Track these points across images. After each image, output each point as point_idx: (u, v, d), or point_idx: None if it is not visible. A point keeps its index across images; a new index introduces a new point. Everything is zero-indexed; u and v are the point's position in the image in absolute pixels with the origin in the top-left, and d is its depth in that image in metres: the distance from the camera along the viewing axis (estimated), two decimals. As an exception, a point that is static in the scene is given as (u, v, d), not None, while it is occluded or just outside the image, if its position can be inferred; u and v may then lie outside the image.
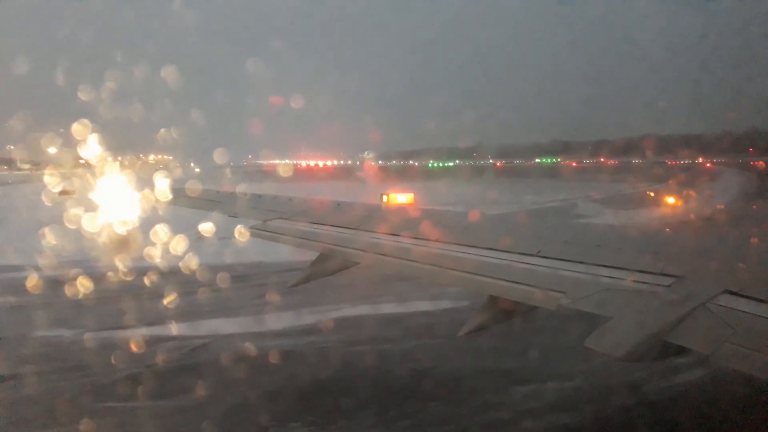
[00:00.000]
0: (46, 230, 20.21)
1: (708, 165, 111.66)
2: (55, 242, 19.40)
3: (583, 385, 9.05)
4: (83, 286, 14.52)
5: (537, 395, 8.82)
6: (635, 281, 3.94)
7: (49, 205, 24.37)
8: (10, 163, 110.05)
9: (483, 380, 9.40)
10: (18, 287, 15.15)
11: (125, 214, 14.62)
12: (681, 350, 3.28)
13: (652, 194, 43.94)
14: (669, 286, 3.74)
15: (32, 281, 14.94)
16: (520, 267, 4.75)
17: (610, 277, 4.12)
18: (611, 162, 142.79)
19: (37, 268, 16.38)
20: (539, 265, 4.65)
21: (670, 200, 39.32)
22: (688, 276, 3.81)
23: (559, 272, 4.44)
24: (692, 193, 42.69)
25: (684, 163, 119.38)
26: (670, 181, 52.23)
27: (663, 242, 4.92)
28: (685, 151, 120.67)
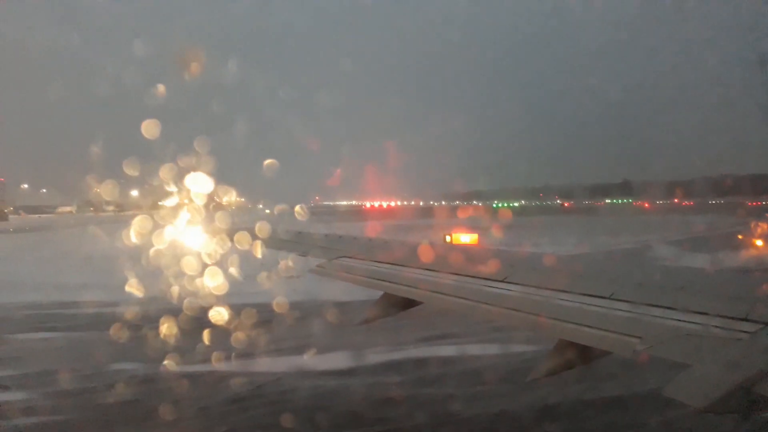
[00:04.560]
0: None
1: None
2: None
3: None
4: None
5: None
6: (717, 327, 3.70)
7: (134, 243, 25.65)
8: (96, 205, 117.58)
9: (553, 428, 9.00)
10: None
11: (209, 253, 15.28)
12: (772, 403, 3.03)
13: (740, 237, 41.31)
14: (756, 332, 3.49)
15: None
16: (592, 310, 4.57)
17: (689, 321, 3.89)
18: (686, 203, 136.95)
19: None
20: (613, 309, 4.47)
21: (759, 243, 36.96)
22: (778, 322, 3.55)
23: (635, 316, 4.24)
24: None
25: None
26: (759, 222, 49.11)
27: (747, 286, 4.62)
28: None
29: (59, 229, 66.85)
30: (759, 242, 37.05)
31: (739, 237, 41.13)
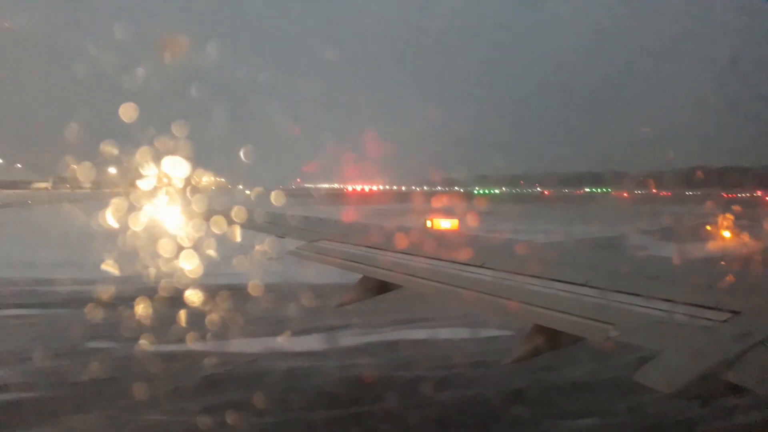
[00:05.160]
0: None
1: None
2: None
3: (629, 421, 8.71)
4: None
5: (580, 430, 8.53)
6: (688, 315, 3.78)
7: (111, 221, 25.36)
8: (72, 181, 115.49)
9: (525, 411, 9.16)
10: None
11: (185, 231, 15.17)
12: (738, 389, 3.11)
13: (709, 228, 42.31)
14: (725, 321, 3.58)
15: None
16: (567, 296, 4.63)
17: (661, 309, 3.97)
18: (664, 193, 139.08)
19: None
20: (587, 295, 4.53)
21: (726, 234, 37.83)
22: (746, 311, 3.64)
23: (609, 303, 4.31)
24: (751, 226, 40.92)
25: (741, 195, 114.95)
26: (726, 214, 50.28)
27: (718, 276, 4.72)
28: (742, 183, 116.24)
29: (34, 205, 65.58)
30: (726, 233, 37.87)
31: (708, 228, 42.06)
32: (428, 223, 38.58)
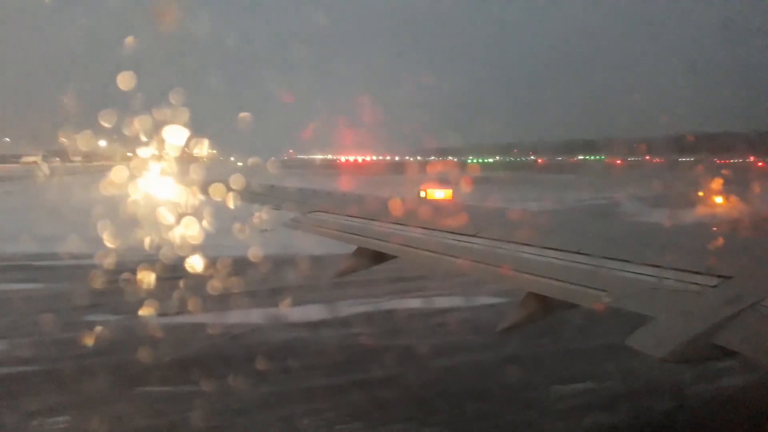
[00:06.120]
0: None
1: (760, 164, 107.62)
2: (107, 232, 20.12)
3: (622, 385, 8.89)
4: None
5: (573, 394, 8.70)
6: (680, 281, 3.83)
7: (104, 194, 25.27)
8: (62, 155, 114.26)
9: (520, 378, 9.32)
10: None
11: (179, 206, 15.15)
12: (728, 353, 3.17)
13: (701, 194, 42.56)
14: (716, 286, 3.63)
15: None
16: (560, 264, 4.68)
17: (653, 276, 4.02)
18: (657, 160, 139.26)
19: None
20: (580, 263, 4.58)
21: (719, 200, 38.06)
22: (737, 276, 3.69)
23: (601, 270, 4.35)
24: (742, 192, 41.20)
25: (734, 161, 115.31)
26: (718, 180, 50.51)
27: (710, 242, 4.77)
28: (735, 149, 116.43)
29: (28, 179, 64.98)
30: (718, 199, 38.12)
31: (700, 194, 42.32)
32: (422, 194, 38.59)
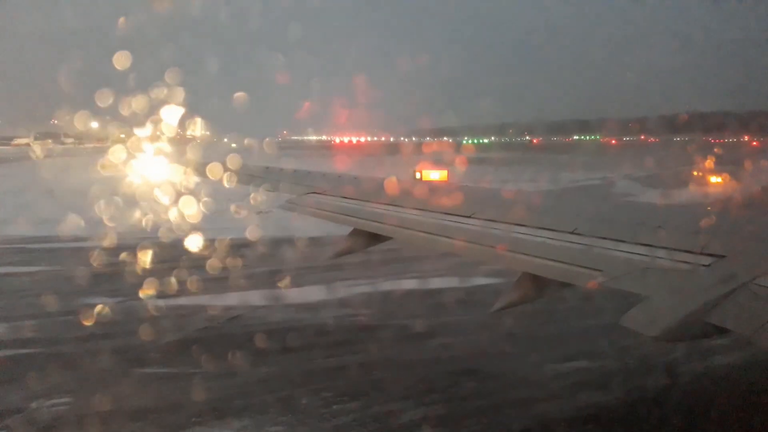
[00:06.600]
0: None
1: (755, 143, 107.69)
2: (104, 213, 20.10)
3: (616, 364, 8.99)
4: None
5: (567, 374, 8.79)
6: (674, 260, 3.86)
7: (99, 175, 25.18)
8: (54, 137, 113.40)
9: (515, 357, 9.42)
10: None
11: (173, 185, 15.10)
12: (720, 331, 3.21)
13: (696, 173, 42.60)
14: (709, 265, 3.66)
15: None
16: (555, 244, 4.71)
17: (648, 255, 4.05)
18: (652, 140, 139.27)
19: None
20: (575, 243, 4.61)
21: (714, 179, 38.13)
22: (730, 256, 3.73)
23: (596, 250, 4.39)
24: (738, 171, 41.28)
25: (729, 141, 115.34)
26: (713, 159, 50.58)
27: (704, 221, 4.80)
28: (729, 128, 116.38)
29: (23, 161, 64.42)
30: (714, 179, 38.19)
31: (696, 174, 42.39)
32: (417, 175, 38.50)
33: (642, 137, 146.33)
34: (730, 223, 4.98)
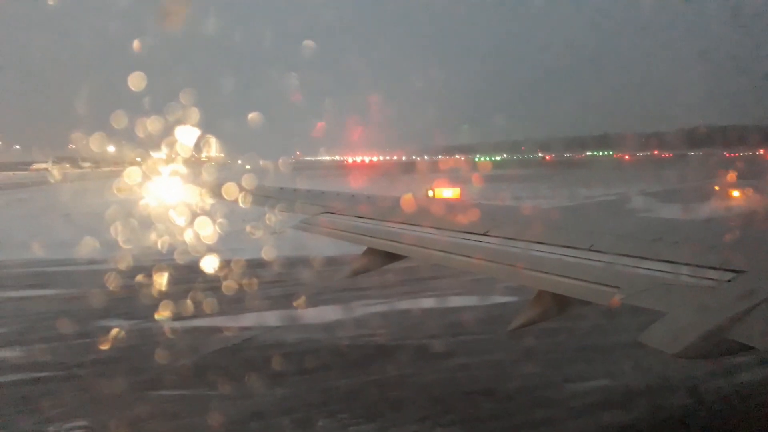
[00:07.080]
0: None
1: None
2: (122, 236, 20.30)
3: (636, 383, 8.83)
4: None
5: (588, 393, 8.65)
6: (694, 276, 3.80)
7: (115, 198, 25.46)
8: (72, 161, 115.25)
9: (533, 376, 9.29)
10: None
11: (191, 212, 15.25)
12: (743, 348, 3.14)
13: (717, 187, 41.98)
14: (730, 281, 3.59)
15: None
16: (572, 261, 4.65)
17: (666, 271, 3.99)
18: (666, 155, 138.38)
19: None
20: (592, 260, 4.55)
21: (736, 193, 37.59)
22: (752, 271, 3.65)
23: (613, 267, 4.32)
24: (758, 185, 40.70)
25: (745, 154, 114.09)
26: (733, 173, 49.92)
27: (723, 236, 4.73)
28: (745, 142, 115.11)
29: (41, 185, 65.50)
30: (735, 193, 37.69)
31: (716, 188, 41.82)
32: (430, 193, 38.49)
33: (655, 152, 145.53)
34: (750, 238, 4.90)
